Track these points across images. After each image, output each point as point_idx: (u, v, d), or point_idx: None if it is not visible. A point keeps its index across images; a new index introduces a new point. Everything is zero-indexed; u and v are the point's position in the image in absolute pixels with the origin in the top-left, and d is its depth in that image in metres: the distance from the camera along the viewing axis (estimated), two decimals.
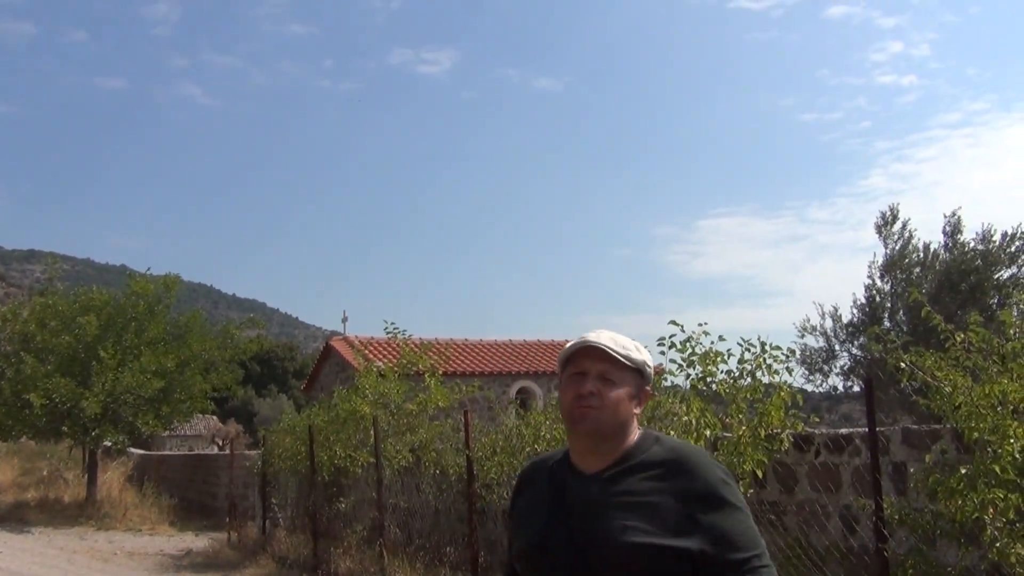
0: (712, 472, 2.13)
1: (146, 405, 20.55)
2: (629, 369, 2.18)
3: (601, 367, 2.17)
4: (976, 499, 4.38)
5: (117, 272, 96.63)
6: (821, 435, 6.22)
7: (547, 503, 2.22)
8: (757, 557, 2.06)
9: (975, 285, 23.01)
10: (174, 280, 22.06)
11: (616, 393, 2.16)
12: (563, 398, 2.22)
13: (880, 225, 25.24)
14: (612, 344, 2.17)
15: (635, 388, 2.21)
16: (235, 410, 48.33)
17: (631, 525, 2.05)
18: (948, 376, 4.88)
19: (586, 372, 2.18)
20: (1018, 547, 4.22)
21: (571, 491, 2.19)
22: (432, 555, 9.88)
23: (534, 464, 2.43)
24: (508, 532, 2.41)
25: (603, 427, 2.15)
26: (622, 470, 2.16)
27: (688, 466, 2.13)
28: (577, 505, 2.16)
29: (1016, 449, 4.37)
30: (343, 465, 11.89)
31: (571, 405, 2.18)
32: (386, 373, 12.30)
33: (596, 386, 2.15)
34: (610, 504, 2.11)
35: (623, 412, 2.17)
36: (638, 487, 2.12)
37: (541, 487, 2.28)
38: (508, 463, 8.47)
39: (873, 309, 24.75)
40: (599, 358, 2.17)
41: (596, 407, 2.14)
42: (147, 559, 14.63)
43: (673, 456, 2.16)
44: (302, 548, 12.83)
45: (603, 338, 2.18)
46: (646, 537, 2.03)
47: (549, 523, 2.17)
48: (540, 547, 2.17)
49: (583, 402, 2.15)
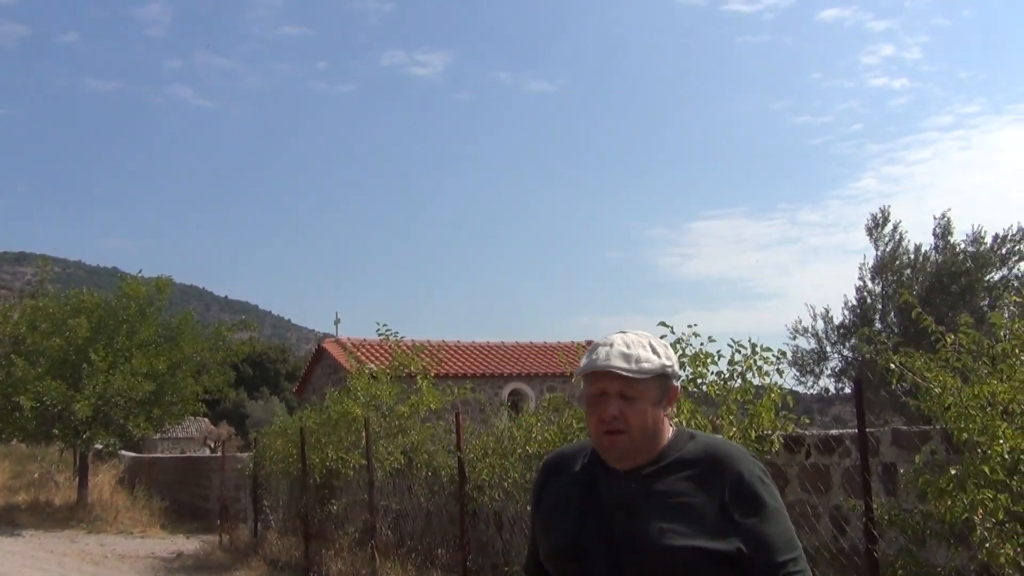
0: (750, 470, 2.10)
1: (137, 407, 20.49)
2: (649, 379, 2.11)
3: (620, 386, 2.09)
4: (965, 500, 4.39)
5: (109, 274, 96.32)
6: (811, 436, 6.23)
7: (578, 500, 2.17)
8: (794, 561, 2.05)
9: (966, 287, 23.12)
10: (166, 282, 22.01)
11: (640, 408, 2.10)
12: (588, 419, 2.18)
13: (871, 227, 25.37)
14: (624, 363, 2.08)
15: (660, 392, 2.14)
16: (227, 412, 48.19)
17: (669, 527, 2.02)
18: (938, 377, 4.89)
19: (606, 392, 2.11)
20: (1007, 548, 4.23)
21: (605, 489, 2.15)
22: (424, 557, 9.87)
23: (558, 457, 2.37)
24: (533, 525, 2.35)
25: (633, 447, 2.11)
26: (658, 469, 2.12)
27: (725, 464, 2.10)
28: (613, 504, 2.11)
29: (1005, 450, 4.38)
30: (335, 467, 11.87)
31: (596, 430, 2.13)
32: (378, 375, 12.29)
33: (618, 407, 2.09)
34: (648, 504, 2.07)
35: (651, 424, 2.12)
36: (675, 487, 2.09)
37: (569, 482, 2.23)
38: (500, 465, 8.46)
39: (864, 311, 24.84)
40: (615, 377, 2.09)
41: (622, 429, 2.09)
42: (138, 562, 14.59)
43: (709, 454, 2.13)
44: (294, 550, 12.81)
45: (614, 356, 2.09)
46: (685, 539, 2.01)
47: (582, 522, 2.13)
48: (573, 547, 2.12)
49: (607, 427, 2.10)
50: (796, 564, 2.05)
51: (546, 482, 2.32)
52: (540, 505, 2.30)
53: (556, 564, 2.20)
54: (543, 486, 2.32)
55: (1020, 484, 4.35)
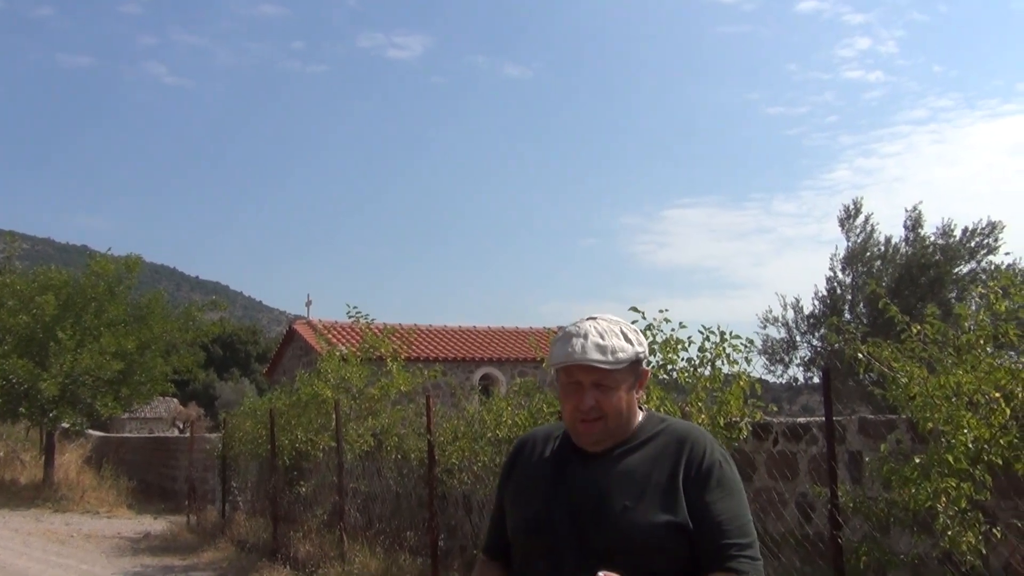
0: (712, 453, 2.14)
1: (105, 387, 20.31)
2: (624, 367, 2.14)
3: (596, 377, 2.12)
4: (929, 488, 4.45)
5: (78, 252, 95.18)
6: (779, 424, 6.28)
7: (547, 479, 2.21)
8: (740, 547, 2.05)
9: (934, 279, 23.34)
10: (135, 261, 21.79)
11: (615, 397, 2.14)
12: (563, 408, 2.20)
13: (843, 218, 25.54)
14: (600, 355, 2.10)
15: (632, 378, 2.18)
16: (196, 393, 47.88)
17: (632, 504, 2.06)
18: (904, 367, 4.93)
19: (581, 383, 2.14)
20: (969, 535, 4.29)
21: (574, 468, 2.18)
22: (392, 539, 9.87)
23: (530, 436, 2.39)
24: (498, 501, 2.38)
25: (609, 433, 2.16)
26: (625, 449, 2.16)
27: (690, 446, 2.14)
28: (580, 483, 2.15)
29: (969, 439, 4.43)
30: (304, 449, 11.84)
31: (572, 420, 2.17)
32: (348, 357, 12.25)
33: (594, 397, 2.12)
34: (614, 482, 2.11)
35: (625, 408, 2.16)
36: (641, 466, 2.13)
37: (540, 461, 2.27)
38: (469, 448, 8.47)
39: (834, 301, 25.03)
40: (590, 369, 2.12)
41: (598, 418, 2.13)
42: (104, 542, 14.49)
43: (677, 436, 2.17)
44: (262, 532, 12.77)
45: (591, 348, 2.10)
46: (647, 516, 2.05)
47: (550, 498, 2.17)
48: (540, 524, 2.16)
49: (584, 417, 2.13)
50: (743, 551, 2.04)
51: (516, 459, 2.35)
52: (510, 482, 2.34)
53: (523, 539, 2.22)
54: (513, 463, 2.36)
55: (983, 473, 4.41)
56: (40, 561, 12.19)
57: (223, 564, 11.99)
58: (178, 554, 13.13)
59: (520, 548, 2.24)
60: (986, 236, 24.01)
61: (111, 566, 12.13)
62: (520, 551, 2.24)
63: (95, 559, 12.74)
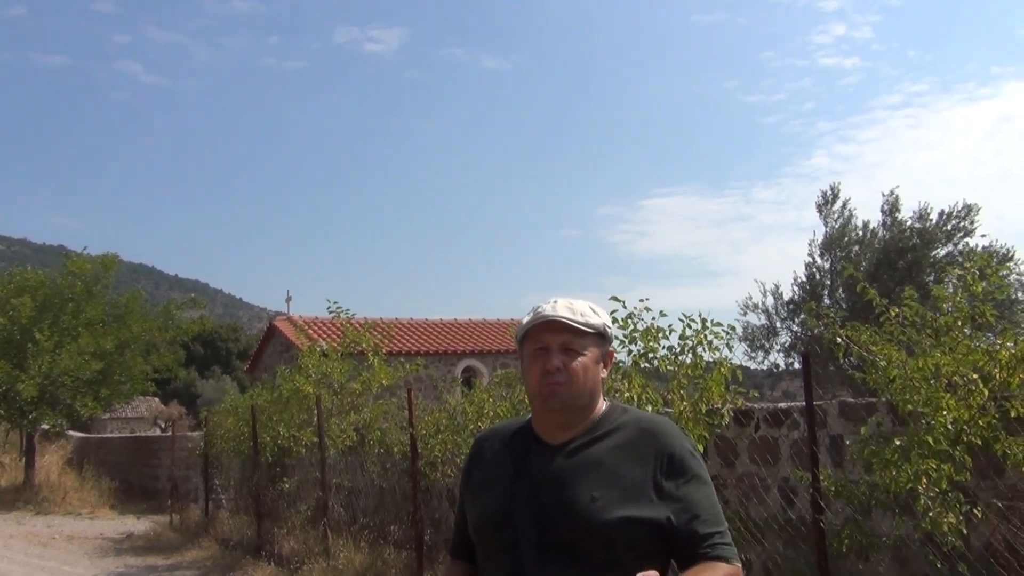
0: (680, 443, 2.12)
1: (85, 387, 20.15)
2: (590, 335, 2.14)
3: (562, 338, 2.11)
4: (910, 470, 4.47)
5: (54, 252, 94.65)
6: (760, 409, 6.30)
7: (509, 473, 2.16)
8: (720, 534, 2.05)
9: (912, 263, 23.48)
10: (112, 260, 21.60)
11: (581, 362, 2.12)
12: (528, 376, 2.17)
13: (821, 204, 25.64)
14: (570, 314, 2.11)
15: (599, 352, 2.17)
16: (177, 392, 47.64)
17: (599, 495, 2.02)
18: (883, 350, 4.96)
19: (548, 346, 2.12)
20: (950, 516, 4.31)
21: (535, 461, 2.14)
22: (377, 534, 9.85)
23: (491, 433, 2.37)
24: (460, 502, 2.34)
25: (574, 401, 2.12)
26: (589, 440, 2.13)
27: (657, 437, 2.11)
28: (542, 476, 2.11)
29: (948, 420, 4.46)
30: (286, 445, 11.80)
31: (539, 383, 2.13)
32: (329, 352, 12.21)
33: (561, 360, 2.10)
34: (578, 474, 2.07)
35: (591, 380, 2.14)
36: (606, 457, 2.09)
37: (500, 457, 2.22)
38: (452, 441, 8.47)
39: (813, 286, 25.15)
40: (559, 329, 2.11)
41: (564, 382, 2.10)
42: (87, 543, 14.39)
43: (642, 427, 2.14)
44: (245, 529, 12.72)
45: (560, 308, 2.13)
46: (615, 507, 2.01)
47: (511, 494, 2.12)
48: (501, 519, 2.11)
49: (550, 379, 2.10)
50: (722, 537, 2.05)
51: (476, 458, 2.32)
52: (471, 479, 2.30)
53: (483, 534, 2.18)
54: (473, 462, 2.32)
55: (963, 454, 4.43)
56: (22, 564, 12.10)
57: (207, 562, 11.94)
58: (161, 553, 13.06)
59: (482, 545, 2.19)
60: (962, 219, 24.16)
61: (94, 567, 12.05)
62: (482, 548, 2.19)
63: (78, 560, 12.66)
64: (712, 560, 2.00)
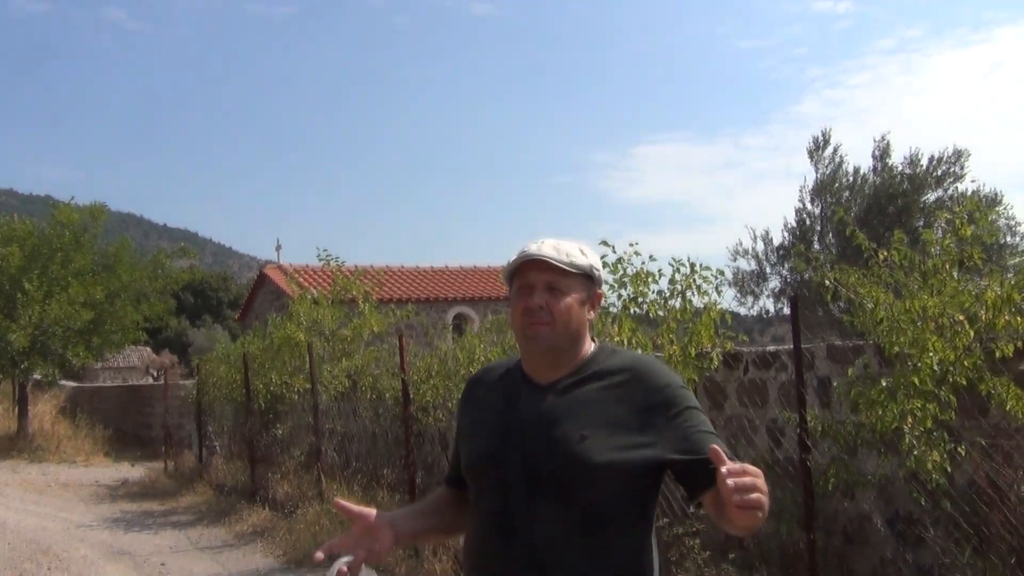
0: (671, 378, 2.11)
1: (76, 337, 20.16)
2: (576, 275, 2.11)
3: (547, 277, 2.09)
4: (896, 409, 4.53)
5: (42, 203, 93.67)
6: (749, 353, 6.36)
7: (498, 413, 2.16)
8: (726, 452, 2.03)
9: (902, 208, 23.52)
10: (100, 209, 21.50)
11: (565, 302, 2.09)
12: (513, 314, 2.16)
13: (812, 150, 25.58)
14: (555, 253, 2.09)
15: (585, 293, 2.14)
16: (169, 341, 47.69)
17: (588, 435, 2.01)
18: (871, 293, 5.00)
19: (532, 285, 2.10)
20: (934, 454, 4.39)
21: (524, 401, 2.13)
22: (370, 477, 9.96)
23: (483, 372, 2.37)
24: (456, 440, 2.35)
25: (557, 340, 2.10)
26: (578, 380, 2.12)
27: (646, 374, 2.10)
28: (531, 415, 2.10)
29: (934, 361, 4.51)
30: (279, 392, 11.88)
31: (522, 322, 2.12)
32: (320, 300, 12.24)
33: (544, 298, 2.08)
34: (566, 413, 2.06)
35: (575, 321, 2.11)
36: (595, 396, 2.08)
37: (491, 396, 2.22)
38: (443, 386, 8.53)
39: (803, 232, 25.19)
40: (543, 268, 2.09)
41: (547, 322, 2.08)
42: (82, 489, 14.52)
43: (631, 364, 2.13)
44: (240, 475, 12.84)
45: (545, 248, 2.10)
46: (604, 446, 2.00)
47: (501, 434, 2.12)
48: (492, 456, 2.12)
49: (533, 318, 2.09)
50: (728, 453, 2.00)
51: (470, 396, 2.32)
52: (464, 418, 2.31)
53: (475, 473, 2.19)
54: (467, 400, 2.33)
55: (948, 394, 4.50)
56: (18, 511, 12.20)
57: (202, 507, 12.07)
58: (157, 499, 13.20)
59: (474, 483, 2.20)
60: (952, 164, 24.16)
61: (90, 513, 12.18)
62: (474, 486, 2.20)
63: (74, 507, 12.78)
64: None
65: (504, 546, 2.05)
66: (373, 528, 2.12)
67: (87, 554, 9.35)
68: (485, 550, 2.12)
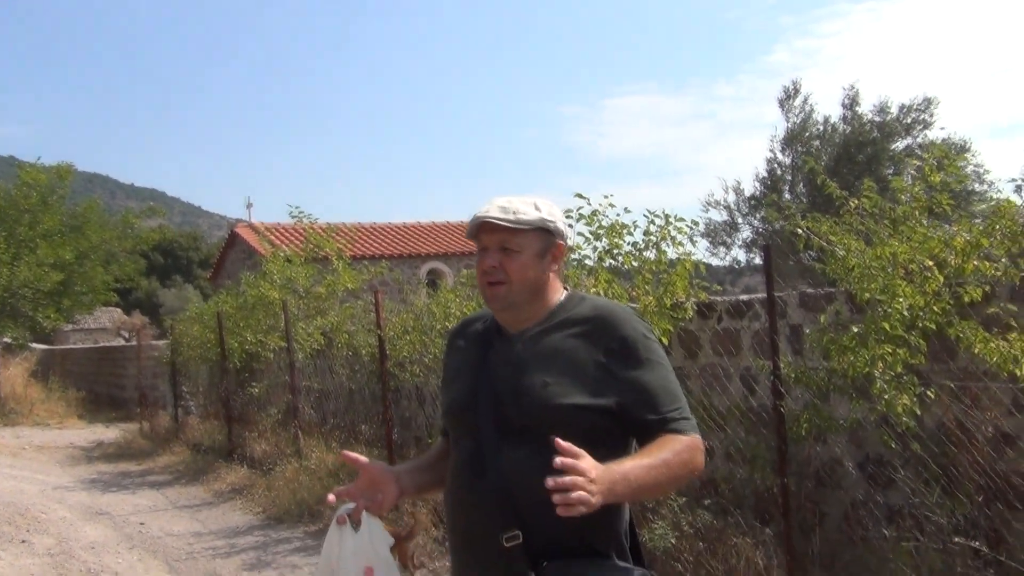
0: (634, 328, 2.17)
1: (46, 299, 19.99)
2: (528, 231, 2.16)
3: (498, 238, 2.16)
4: (867, 355, 4.60)
5: (5, 163, 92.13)
6: (723, 302, 6.41)
7: (473, 362, 2.25)
8: (676, 411, 2.11)
9: (872, 156, 23.65)
10: (67, 169, 21.23)
11: (519, 261, 2.16)
12: (477, 276, 2.25)
13: (782, 100, 25.60)
14: (501, 213, 2.14)
15: (542, 247, 2.19)
16: (139, 302, 47.32)
17: (552, 382, 2.09)
18: (842, 240, 5.05)
19: (486, 246, 2.18)
20: (904, 398, 4.46)
21: (496, 350, 2.22)
22: (347, 434, 10.01)
23: (464, 323, 2.46)
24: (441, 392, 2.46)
25: (514, 297, 2.17)
26: (546, 328, 2.19)
27: (611, 322, 2.16)
28: (500, 363, 2.19)
29: (904, 307, 4.57)
30: (254, 351, 11.86)
31: (480, 282, 2.21)
32: (293, 258, 12.20)
33: (497, 259, 2.15)
34: (533, 361, 2.15)
35: (532, 277, 2.17)
36: (561, 344, 2.15)
37: (469, 346, 2.32)
38: (420, 341, 8.54)
39: (774, 182, 25.30)
40: (494, 229, 2.15)
41: (503, 280, 2.16)
42: (57, 452, 14.49)
43: (597, 313, 2.19)
44: (216, 434, 12.85)
45: (493, 209, 2.16)
46: (566, 393, 2.08)
47: (475, 380, 2.21)
48: (465, 404, 2.22)
49: (488, 278, 2.17)
50: (679, 412, 2.12)
51: (452, 345, 2.43)
52: (446, 369, 2.42)
53: (450, 419, 2.31)
54: (448, 351, 2.44)
55: (917, 339, 4.57)
56: None
57: (179, 467, 12.08)
58: (133, 460, 13.20)
59: (451, 429, 2.31)
60: (922, 112, 24.28)
61: (67, 475, 12.16)
62: (451, 432, 2.31)
63: (50, 469, 12.76)
64: (666, 434, 2.08)
65: (476, 489, 2.14)
66: (379, 481, 2.23)
67: (66, 515, 9.36)
68: (460, 493, 2.21)
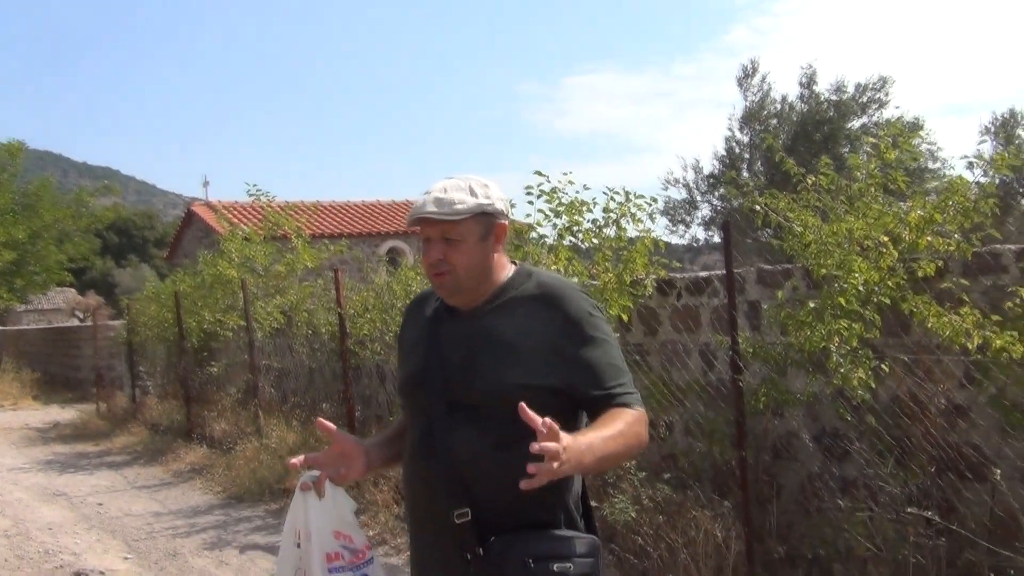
0: (579, 306, 2.17)
1: None
2: (467, 219, 2.15)
3: (439, 229, 2.15)
4: (823, 330, 4.68)
5: None
6: (682, 279, 6.46)
7: (425, 339, 2.26)
8: (621, 386, 2.13)
9: (828, 135, 23.90)
10: (18, 147, 20.87)
11: (462, 249, 2.15)
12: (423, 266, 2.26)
13: (741, 78, 25.77)
14: (436, 207, 2.12)
15: (483, 231, 2.18)
16: (94, 282, 46.75)
17: (498, 361, 2.12)
18: (799, 217, 5.11)
19: (430, 238, 2.18)
20: (860, 372, 4.54)
21: (446, 327, 2.24)
22: (308, 412, 9.97)
23: (419, 299, 2.45)
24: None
25: (462, 284, 2.18)
26: (493, 307, 2.21)
27: (557, 300, 2.17)
28: (450, 340, 2.21)
29: (860, 282, 4.65)
30: (212, 330, 11.77)
31: (428, 273, 2.22)
32: (251, 236, 12.09)
33: (441, 250, 2.15)
34: (481, 340, 2.16)
35: (475, 262, 2.17)
36: (508, 323, 2.17)
37: (422, 323, 2.32)
38: (380, 319, 8.53)
39: (732, 160, 25.49)
40: (433, 223, 2.15)
41: (448, 271, 2.16)
42: (12, 433, 14.30)
43: (543, 291, 2.20)
44: (174, 414, 12.75)
45: (430, 203, 2.13)
46: (512, 372, 2.10)
47: (426, 357, 2.22)
48: (416, 381, 2.23)
49: (434, 270, 2.18)
50: (624, 387, 2.13)
51: (406, 322, 2.46)
52: (401, 344, 2.44)
53: (405, 396, 2.33)
54: (404, 326, 2.46)
55: (872, 313, 4.65)
56: None
57: (138, 447, 11.97)
58: (90, 441, 13.06)
59: (405, 405, 2.34)
60: (877, 91, 24.58)
61: (22, 456, 12.02)
62: (406, 408, 2.34)
63: (4, 451, 12.59)
64: (614, 408, 2.09)
65: (427, 466, 2.16)
66: (349, 453, 2.25)
67: (22, 496, 9.26)
68: (414, 471, 2.23)
